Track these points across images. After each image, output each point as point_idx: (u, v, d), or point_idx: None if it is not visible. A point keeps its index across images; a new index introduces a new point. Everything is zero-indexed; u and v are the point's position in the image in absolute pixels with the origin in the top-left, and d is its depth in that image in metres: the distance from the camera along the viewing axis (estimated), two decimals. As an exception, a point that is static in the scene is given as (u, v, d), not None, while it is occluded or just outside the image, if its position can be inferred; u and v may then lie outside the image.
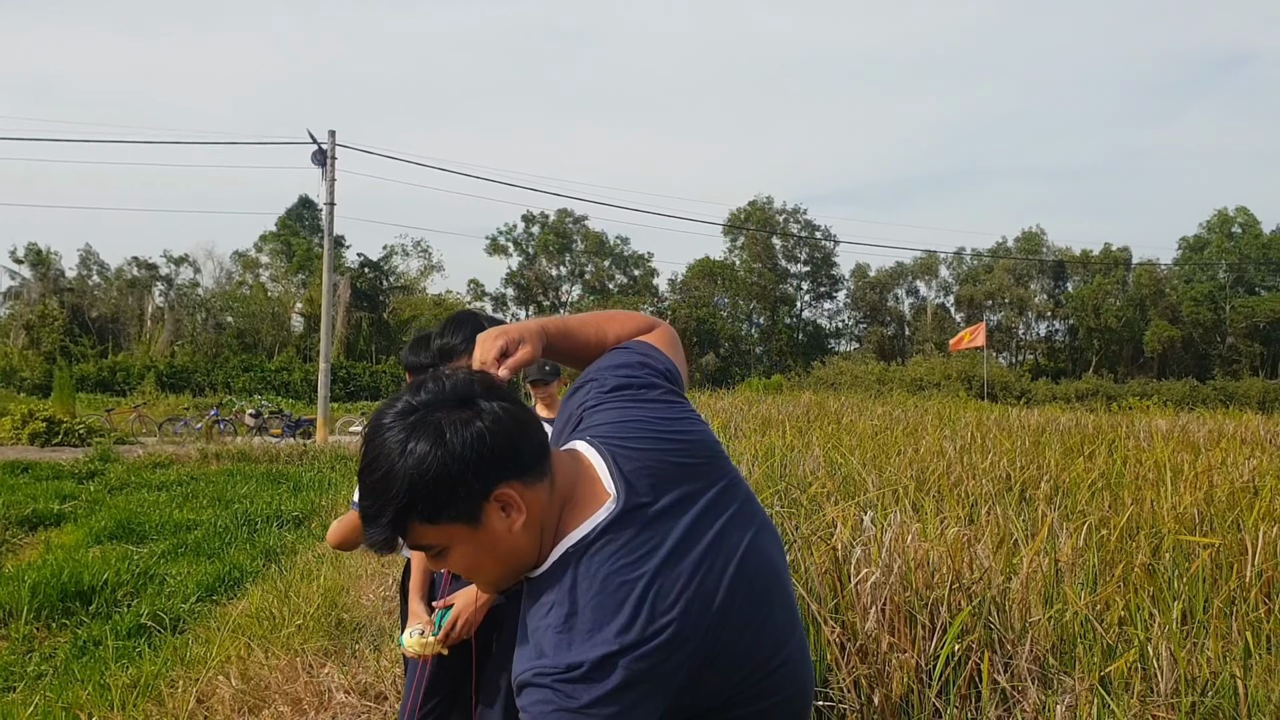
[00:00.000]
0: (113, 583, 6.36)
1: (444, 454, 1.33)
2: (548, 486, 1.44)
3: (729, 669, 1.47)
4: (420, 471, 1.33)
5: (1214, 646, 3.69)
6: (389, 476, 1.34)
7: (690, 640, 1.40)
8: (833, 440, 10.08)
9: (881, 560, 3.83)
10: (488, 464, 1.36)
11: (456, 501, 1.35)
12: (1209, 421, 14.50)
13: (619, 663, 1.34)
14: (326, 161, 24.93)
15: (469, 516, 1.37)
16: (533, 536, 1.44)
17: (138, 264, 59.40)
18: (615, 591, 1.38)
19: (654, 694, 1.38)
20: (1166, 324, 60.82)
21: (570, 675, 1.34)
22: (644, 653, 1.35)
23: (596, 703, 1.33)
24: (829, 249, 66.43)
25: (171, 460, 14.96)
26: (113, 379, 41.15)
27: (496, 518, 1.39)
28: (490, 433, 1.36)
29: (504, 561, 1.44)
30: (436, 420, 1.35)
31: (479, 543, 1.40)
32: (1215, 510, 5.76)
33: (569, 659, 1.34)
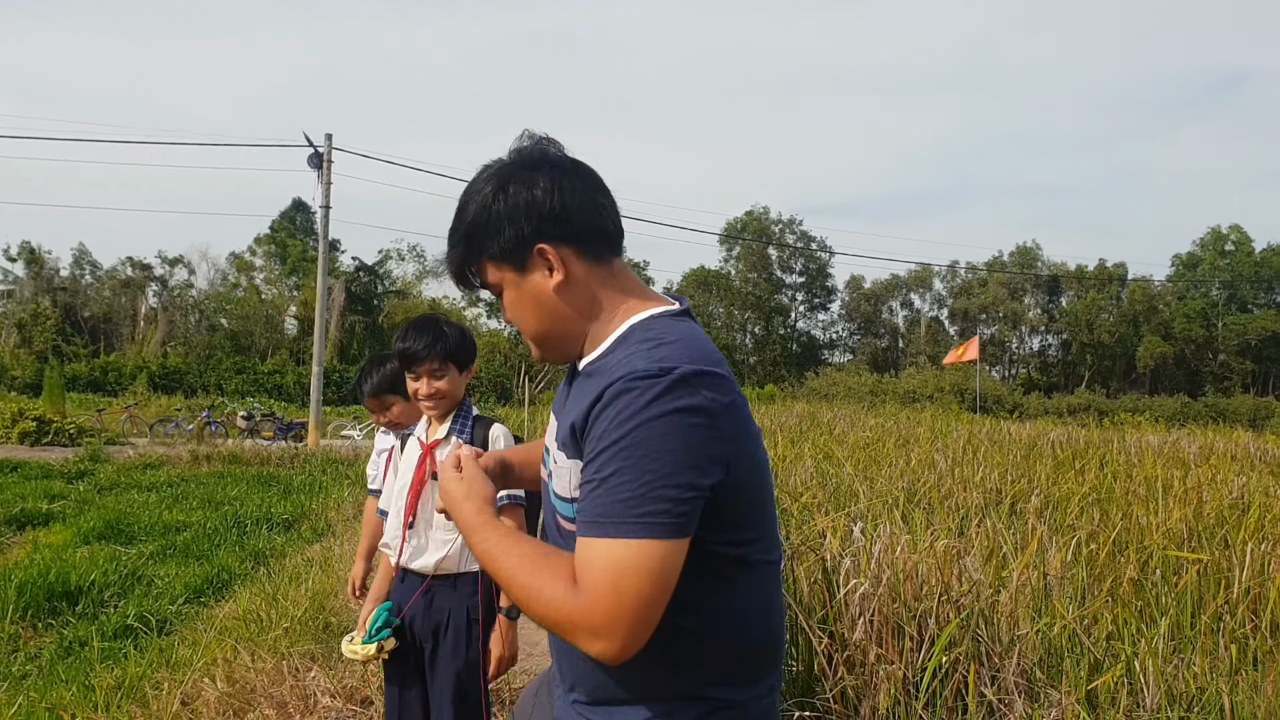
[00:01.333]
0: (100, 583, 6.33)
1: (502, 198, 1.54)
2: (605, 269, 1.59)
3: (755, 489, 1.52)
4: (481, 207, 1.56)
5: (1200, 662, 3.70)
6: (464, 209, 1.59)
7: (744, 419, 1.48)
8: (825, 451, 10.10)
9: (870, 571, 3.83)
10: (534, 218, 1.53)
11: (504, 241, 1.54)
12: (1199, 438, 14.54)
13: (708, 380, 1.40)
14: (322, 165, 24.90)
15: (516, 260, 1.56)
16: (579, 303, 1.57)
17: (132, 264, 59.29)
18: (698, 341, 1.50)
19: (724, 435, 1.41)
20: (1159, 340, 61.05)
21: (665, 375, 1.38)
22: (725, 387, 1.43)
23: (686, 408, 1.37)
24: (824, 260, 66.66)
25: (162, 461, 14.92)
26: (104, 379, 41.03)
27: (539, 271, 1.55)
28: (545, 195, 1.54)
29: (546, 318, 1.59)
30: (508, 172, 1.57)
31: (523, 290, 1.58)
32: (1204, 526, 5.78)
33: (662, 364, 1.40)
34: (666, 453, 1.35)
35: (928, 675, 3.32)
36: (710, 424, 1.39)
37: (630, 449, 1.36)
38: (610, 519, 1.36)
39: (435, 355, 2.99)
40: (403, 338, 3.05)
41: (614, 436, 1.37)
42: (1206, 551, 4.91)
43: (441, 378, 3.02)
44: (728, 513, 1.47)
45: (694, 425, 1.37)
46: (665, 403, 1.36)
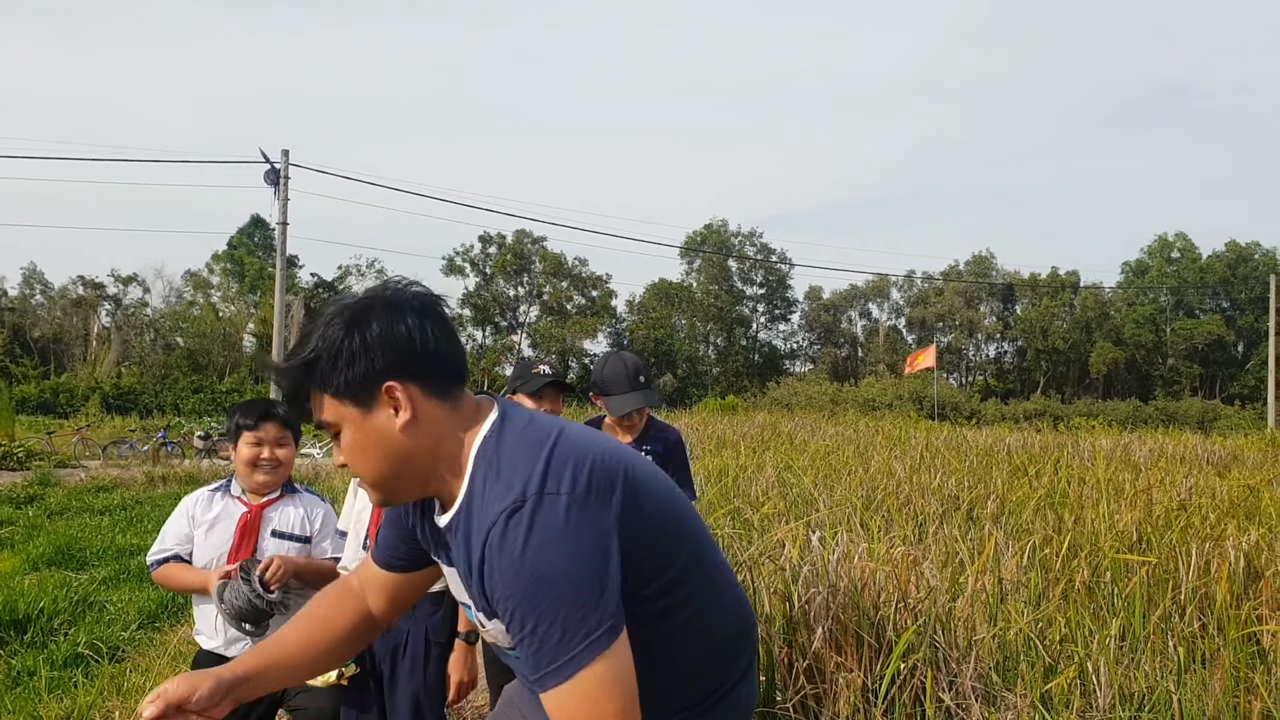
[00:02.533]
0: (49, 611, 6.19)
1: (356, 335, 1.49)
2: (449, 408, 1.55)
3: (659, 532, 1.56)
4: (329, 341, 1.50)
5: (1151, 662, 3.77)
6: (307, 340, 1.53)
7: (611, 479, 1.49)
8: (786, 460, 10.16)
9: (829, 580, 3.87)
10: (386, 355, 1.49)
11: (349, 375, 1.49)
12: (1150, 441, 14.84)
13: (556, 484, 1.44)
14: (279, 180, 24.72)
15: (359, 398, 1.50)
16: (423, 445, 1.53)
17: (84, 283, 58.22)
18: (526, 445, 1.51)
19: (600, 519, 1.45)
20: (1111, 346, 62.21)
21: (521, 508, 1.42)
22: (572, 477, 1.45)
23: (555, 527, 1.40)
24: (784, 272, 67.11)
25: (116, 484, 14.62)
26: (55, 401, 40.18)
27: (385, 411, 1.50)
28: (403, 334, 1.50)
29: (387, 459, 1.53)
30: (364, 309, 1.52)
31: (366, 430, 1.51)
32: (1153, 528, 5.89)
33: (515, 500, 1.43)
34: (564, 577, 1.38)
35: (886, 682, 3.35)
36: (582, 522, 1.42)
37: (533, 595, 1.39)
38: (557, 664, 1.40)
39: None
40: None
41: (512, 592, 1.41)
42: (1156, 553, 5.01)
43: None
44: (644, 571, 1.53)
45: (570, 537, 1.40)
46: (534, 535, 1.39)
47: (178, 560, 3.12)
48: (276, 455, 3.13)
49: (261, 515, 3.14)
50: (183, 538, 3.14)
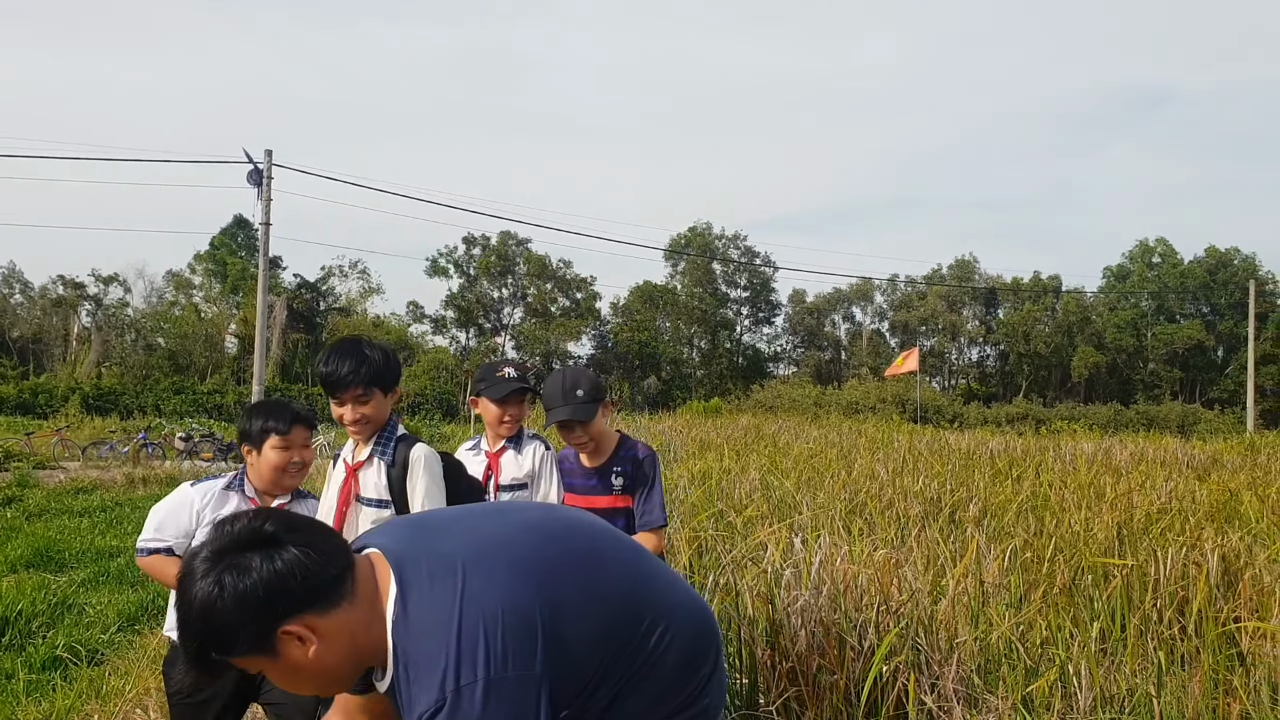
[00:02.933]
0: (28, 613, 6.14)
1: (222, 602, 1.45)
2: (349, 604, 1.55)
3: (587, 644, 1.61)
4: (206, 614, 1.46)
5: (1130, 664, 3.80)
6: (188, 619, 1.49)
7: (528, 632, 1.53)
8: (769, 463, 10.18)
9: (811, 582, 3.88)
10: (266, 609, 1.47)
11: (243, 640, 1.47)
12: (1131, 445, 14.95)
13: (472, 674, 1.48)
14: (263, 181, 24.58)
15: (262, 650, 1.49)
16: (342, 653, 1.55)
17: (64, 283, 57.72)
18: (438, 623, 1.53)
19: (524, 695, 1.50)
20: (1092, 350, 62.63)
21: (442, 709, 1.47)
22: (492, 667, 1.48)
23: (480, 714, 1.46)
24: (768, 275, 67.25)
25: (95, 485, 14.52)
26: (34, 401, 39.76)
27: (293, 648, 1.50)
28: (267, 579, 1.47)
29: (317, 679, 1.57)
30: (222, 567, 1.48)
31: (284, 669, 1.53)
32: (1133, 532, 5.94)
33: (431, 698, 1.48)
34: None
35: (869, 684, 3.36)
36: (501, 702, 1.48)
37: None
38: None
39: (360, 380, 2.94)
40: (325, 361, 2.98)
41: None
42: (1136, 557, 5.04)
43: (366, 403, 2.97)
44: (581, 686, 1.60)
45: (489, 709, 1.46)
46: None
47: (170, 554, 3.05)
48: (305, 457, 3.11)
49: None
50: (182, 532, 3.07)
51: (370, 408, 2.97)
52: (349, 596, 1.55)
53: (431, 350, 57.64)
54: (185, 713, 3.06)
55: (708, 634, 1.85)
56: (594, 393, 3.42)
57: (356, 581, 1.57)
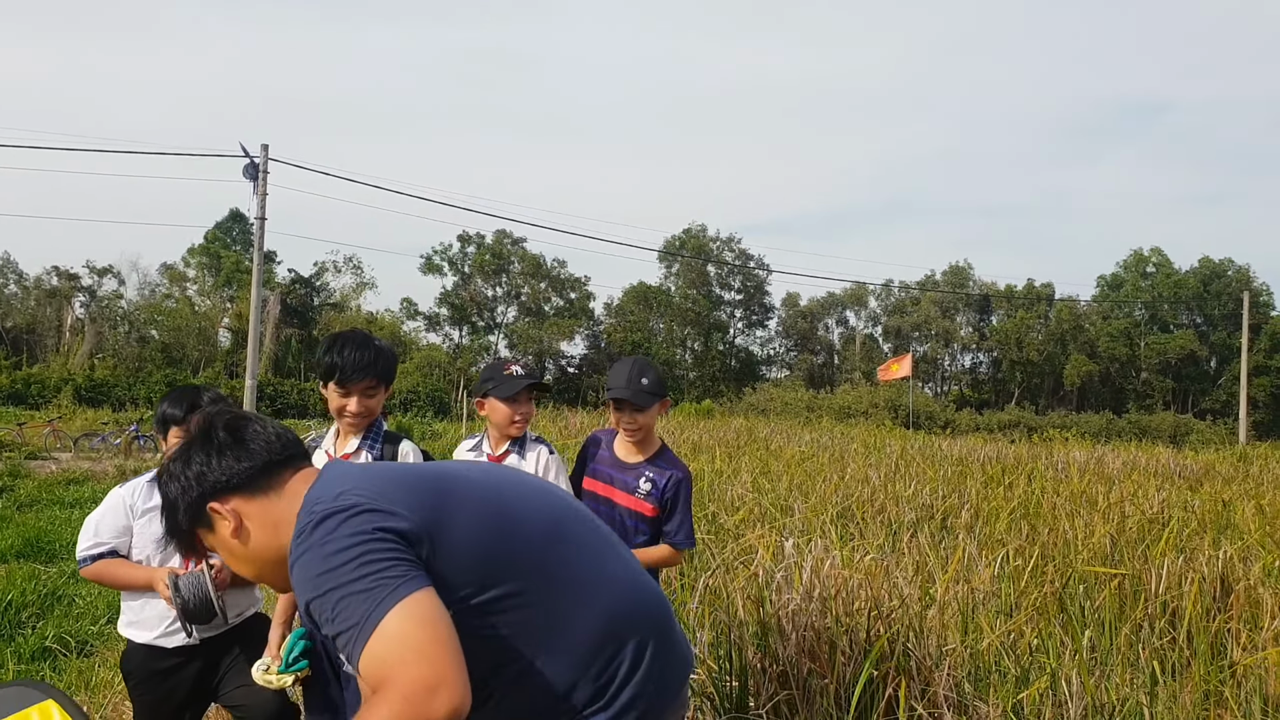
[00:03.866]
0: (18, 603, 6.11)
1: (173, 485, 1.79)
2: (273, 497, 1.76)
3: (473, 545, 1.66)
4: (165, 495, 1.82)
5: (1121, 673, 3.81)
6: (165, 495, 1.82)
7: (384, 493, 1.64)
8: (761, 466, 10.19)
9: (802, 586, 3.88)
10: (196, 489, 1.76)
11: (185, 516, 1.77)
12: (1123, 454, 14.99)
13: (307, 516, 1.62)
14: (258, 175, 24.52)
15: (202, 524, 1.77)
16: (265, 538, 1.74)
17: (58, 273, 57.51)
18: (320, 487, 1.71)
19: (366, 511, 1.59)
20: (1085, 359, 62.79)
21: (298, 535, 1.61)
22: (338, 501, 1.61)
23: (315, 534, 1.57)
24: (762, 278, 67.30)
25: (87, 476, 14.47)
26: (27, 391, 39.63)
27: (222, 524, 1.75)
28: (201, 467, 1.77)
29: (251, 561, 1.77)
30: (177, 459, 1.81)
31: (220, 543, 1.78)
32: (1126, 541, 5.95)
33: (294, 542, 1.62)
34: (329, 570, 1.53)
35: (859, 689, 3.36)
36: (338, 525, 1.56)
37: (317, 580, 1.53)
38: (357, 626, 1.47)
39: (374, 373, 2.94)
40: (337, 350, 2.94)
41: (306, 589, 1.55)
42: (1128, 566, 5.06)
43: (373, 396, 2.97)
44: (463, 581, 1.63)
45: (328, 533, 1.56)
46: (308, 539, 1.58)
47: (114, 555, 3.03)
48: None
49: None
50: (120, 530, 3.05)
51: (375, 402, 2.98)
52: (276, 489, 1.76)
53: (425, 348, 57.57)
54: (147, 709, 3.07)
55: (630, 618, 1.77)
56: (657, 386, 3.54)
57: (292, 479, 1.78)
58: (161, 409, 3.10)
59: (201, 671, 3.04)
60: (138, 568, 3.02)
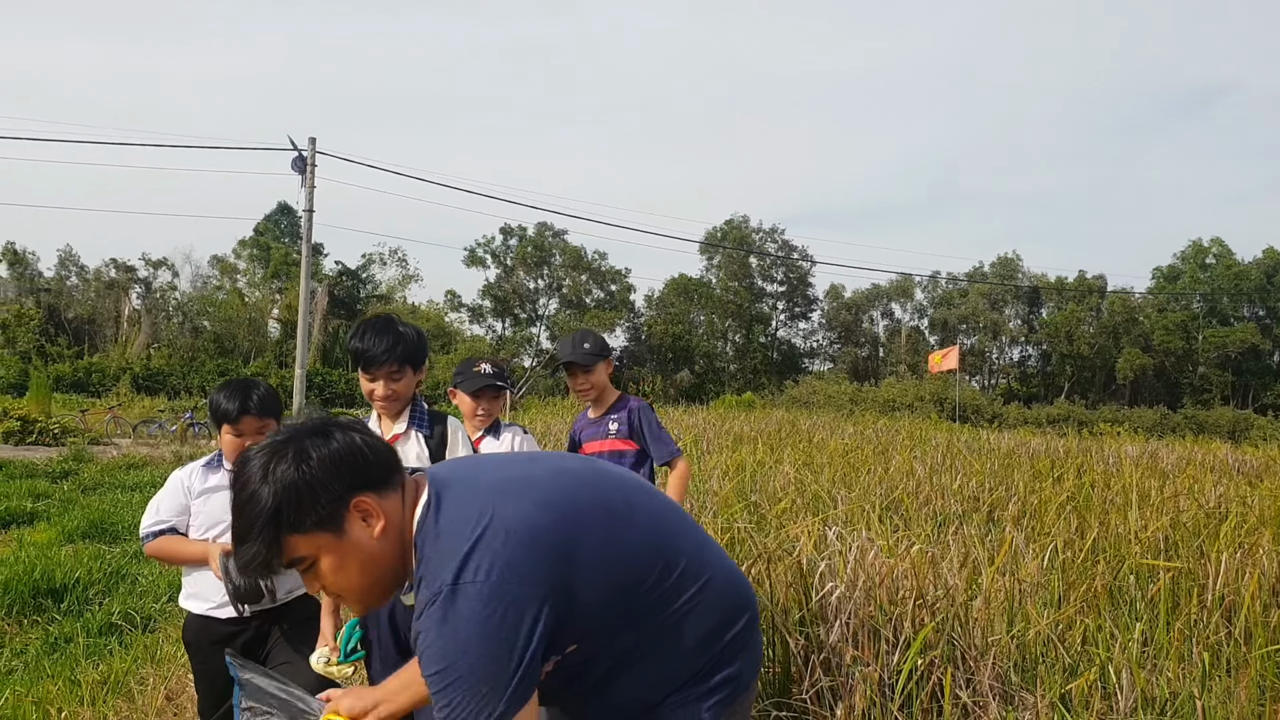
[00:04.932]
0: (85, 581, 6.33)
1: (305, 468, 1.55)
2: (399, 499, 1.65)
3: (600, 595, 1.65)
4: (284, 485, 1.54)
5: (1174, 667, 3.77)
6: (256, 495, 1.54)
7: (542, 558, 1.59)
8: (804, 458, 10.17)
9: (846, 575, 3.90)
10: (344, 476, 1.57)
11: (319, 509, 1.55)
12: (1178, 449, 14.69)
13: (467, 577, 1.53)
14: (306, 168, 24.89)
15: (332, 523, 1.57)
16: (394, 544, 1.63)
17: (116, 265, 58.86)
18: (460, 529, 1.59)
19: (519, 610, 1.55)
20: (1139, 352, 61.48)
21: (432, 599, 1.54)
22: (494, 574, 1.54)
23: (457, 616, 1.52)
24: (805, 269, 66.81)
25: (145, 461, 14.86)
26: (88, 380, 40.73)
27: (358, 525, 1.59)
28: (345, 451, 1.58)
29: (369, 569, 1.63)
30: (298, 443, 1.58)
31: (344, 550, 1.59)
32: (1180, 535, 5.86)
33: (431, 589, 1.54)
34: (467, 665, 1.51)
35: (903, 677, 3.38)
36: (490, 611, 1.52)
37: (442, 675, 1.52)
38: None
39: (395, 357, 3.02)
40: (359, 337, 3.06)
41: (428, 666, 1.54)
42: (1183, 560, 4.99)
43: (399, 380, 3.05)
44: (598, 611, 1.65)
45: (475, 626, 1.52)
46: (447, 623, 1.52)
47: (174, 533, 3.19)
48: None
49: None
50: (179, 509, 3.21)
51: (402, 385, 3.06)
52: (398, 490, 1.65)
53: (469, 339, 58.04)
54: (204, 677, 3.23)
55: (741, 597, 1.87)
56: (598, 348, 4.10)
57: (406, 485, 1.68)
58: (216, 401, 3.18)
59: (251, 643, 3.15)
60: (194, 542, 3.16)
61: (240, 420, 3.10)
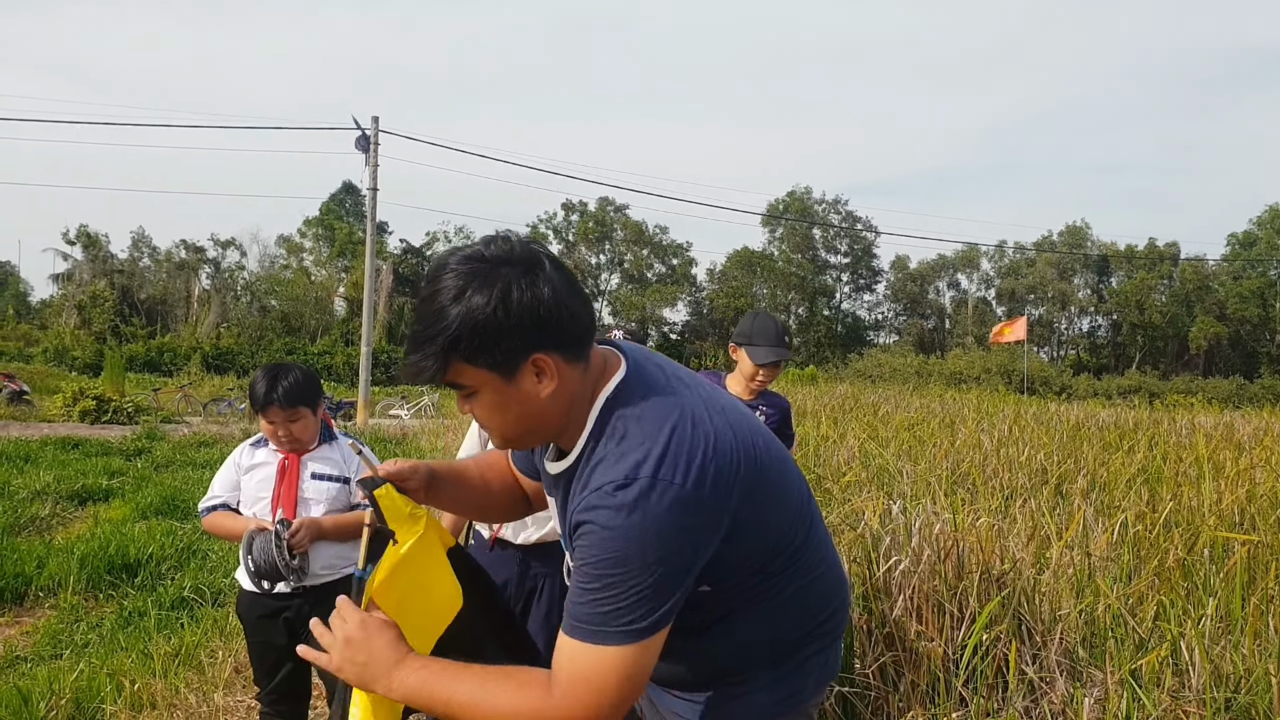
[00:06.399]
0: (157, 556, 6.52)
1: (500, 311, 1.44)
2: (583, 369, 1.55)
3: (771, 513, 1.61)
4: (473, 317, 1.43)
5: (1249, 644, 3.65)
6: (443, 313, 1.45)
7: (733, 471, 1.50)
8: (869, 431, 10.05)
9: (911, 549, 3.83)
10: (535, 329, 1.46)
11: (497, 353, 1.46)
12: (1255, 420, 14.22)
13: (672, 473, 1.44)
14: (370, 147, 25.13)
15: (505, 369, 1.48)
16: (559, 408, 1.55)
17: (186, 247, 60.40)
18: (652, 411, 1.51)
19: (703, 519, 1.47)
20: (1213, 320, 59.61)
21: (631, 484, 1.43)
22: (690, 467, 1.45)
23: (658, 513, 1.42)
24: (869, 240, 65.94)
25: (215, 439, 15.23)
26: (160, 359, 41.95)
27: (529, 379, 1.50)
28: (546, 306, 1.46)
29: (524, 420, 1.55)
30: (502, 276, 1.46)
31: (508, 395, 1.51)
32: (1257, 508, 5.67)
33: (628, 472, 1.44)
34: (641, 565, 1.42)
35: (968, 652, 3.32)
36: (683, 519, 1.44)
37: (608, 564, 1.43)
38: (596, 627, 1.44)
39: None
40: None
41: (591, 553, 1.44)
42: (1260, 533, 4.83)
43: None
44: (739, 558, 1.58)
45: (666, 530, 1.43)
46: (635, 514, 1.42)
47: (225, 509, 3.30)
48: (291, 432, 3.21)
49: (300, 460, 3.26)
50: (231, 485, 3.32)
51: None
52: (586, 361, 1.57)
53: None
54: (255, 650, 3.32)
55: (841, 589, 1.85)
56: (791, 342, 4.03)
57: (596, 357, 1.60)
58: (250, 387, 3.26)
59: (292, 620, 3.21)
60: (240, 519, 3.26)
61: (267, 410, 3.17)
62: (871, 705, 3.43)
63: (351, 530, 3.16)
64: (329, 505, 3.22)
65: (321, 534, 3.12)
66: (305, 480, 3.24)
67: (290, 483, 3.22)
